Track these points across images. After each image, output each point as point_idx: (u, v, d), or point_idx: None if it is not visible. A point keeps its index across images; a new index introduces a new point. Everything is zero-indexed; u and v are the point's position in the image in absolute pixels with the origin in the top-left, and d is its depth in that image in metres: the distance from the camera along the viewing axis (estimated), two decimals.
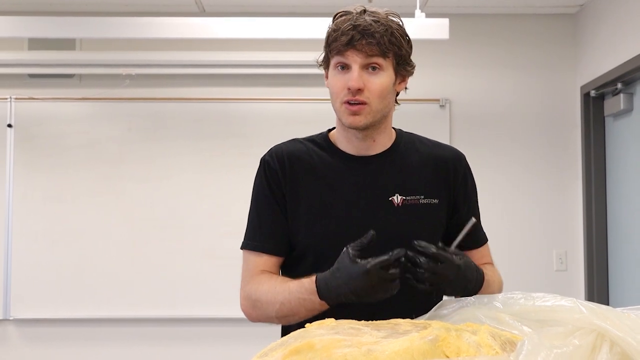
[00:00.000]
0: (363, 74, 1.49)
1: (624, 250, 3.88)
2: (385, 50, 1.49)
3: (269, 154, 1.63)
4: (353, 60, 1.49)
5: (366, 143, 1.59)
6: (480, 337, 1.12)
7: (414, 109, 4.12)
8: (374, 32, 1.48)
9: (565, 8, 4.24)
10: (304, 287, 1.46)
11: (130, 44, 4.15)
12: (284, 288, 1.50)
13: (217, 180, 4.16)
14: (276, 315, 1.52)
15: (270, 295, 1.52)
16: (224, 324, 4.12)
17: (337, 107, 1.54)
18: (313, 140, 1.65)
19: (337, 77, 1.53)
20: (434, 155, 1.64)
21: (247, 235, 1.62)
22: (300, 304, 1.46)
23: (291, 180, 1.58)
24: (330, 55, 1.54)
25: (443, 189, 1.61)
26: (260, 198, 1.61)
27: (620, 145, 3.92)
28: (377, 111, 1.53)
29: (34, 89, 4.24)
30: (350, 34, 1.47)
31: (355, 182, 1.58)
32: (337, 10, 1.56)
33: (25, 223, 4.15)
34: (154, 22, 3.51)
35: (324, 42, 1.56)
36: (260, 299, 1.53)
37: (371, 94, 1.50)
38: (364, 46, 1.48)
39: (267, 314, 1.53)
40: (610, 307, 1.14)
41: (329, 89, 1.58)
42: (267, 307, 1.52)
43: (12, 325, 4.16)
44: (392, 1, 3.94)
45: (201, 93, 4.26)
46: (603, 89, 3.99)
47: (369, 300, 1.38)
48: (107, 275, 4.13)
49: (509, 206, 4.23)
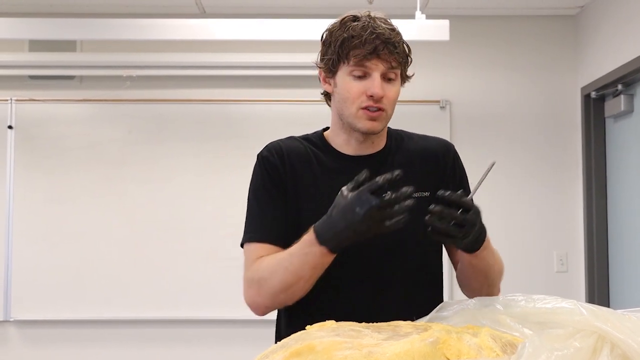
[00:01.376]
0: (382, 82, 1.53)
1: (625, 251, 3.88)
2: (402, 60, 1.55)
3: (267, 149, 1.63)
4: (375, 68, 1.51)
5: (365, 145, 1.61)
6: (481, 339, 1.12)
7: (414, 110, 4.12)
8: (395, 42, 1.52)
9: (565, 9, 4.24)
10: (303, 242, 1.45)
11: (131, 46, 4.15)
12: (284, 254, 1.49)
13: (218, 182, 4.16)
14: (281, 287, 1.47)
15: (272, 266, 1.49)
16: (225, 325, 4.13)
17: (353, 112, 1.54)
18: (308, 139, 1.66)
19: (353, 83, 1.53)
20: (422, 149, 1.66)
21: (247, 229, 1.60)
22: (303, 260, 1.44)
23: (292, 175, 1.59)
24: (343, 60, 1.53)
25: (433, 180, 1.61)
26: (259, 192, 1.60)
27: (621, 147, 3.92)
28: (389, 117, 1.58)
29: (34, 90, 4.25)
30: (375, 43, 1.49)
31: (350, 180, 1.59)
32: (339, 13, 1.56)
33: (25, 224, 4.16)
34: (155, 24, 3.51)
35: (331, 45, 1.54)
36: (263, 276, 1.50)
37: (388, 102, 1.55)
38: (387, 55, 1.51)
39: (272, 288, 1.48)
40: (611, 309, 1.14)
41: (336, 95, 1.57)
42: (272, 280, 1.48)
43: (12, 326, 4.16)
44: (393, 2, 3.95)
45: (202, 94, 4.26)
46: (603, 90, 3.99)
47: (366, 234, 1.38)
48: (108, 277, 4.13)
49: (510, 207, 4.23)
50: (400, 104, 1.64)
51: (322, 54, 1.59)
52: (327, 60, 1.57)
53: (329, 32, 1.57)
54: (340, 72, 1.55)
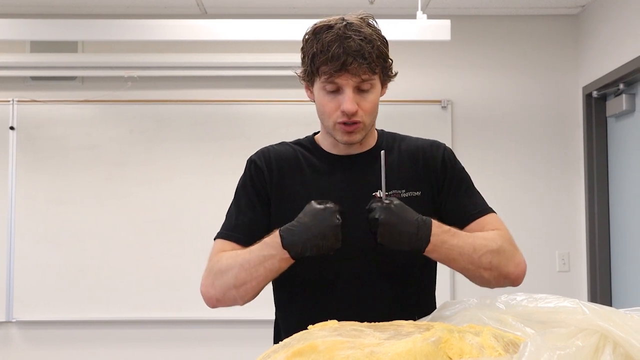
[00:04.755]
0: (355, 95, 1.50)
1: (627, 251, 3.87)
2: (374, 68, 1.50)
3: (256, 154, 1.67)
4: (346, 83, 1.49)
5: (353, 147, 1.62)
6: (483, 339, 1.12)
7: (415, 110, 4.12)
8: (364, 53, 1.47)
9: (567, 9, 4.24)
10: (265, 243, 1.47)
11: (132, 46, 4.16)
12: (244, 252, 1.51)
13: (219, 182, 4.16)
14: (234, 282, 1.49)
15: (230, 261, 1.51)
16: (226, 325, 4.13)
17: (330, 126, 1.55)
18: (300, 143, 1.69)
19: (326, 98, 1.53)
20: (412, 149, 1.66)
21: (222, 226, 1.64)
22: (260, 261, 1.46)
23: (278, 181, 1.61)
24: (315, 74, 1.52)
25: (424, 179, 1.61)
26: (241, 194, 1.65)
27: (623, 146, 3.92)
28: (369, 125, 1.57)
29: (36, 91, 4.25)
30: (342, 58, 1.46)
31: (340, 180, 1.61)
32: (340, 13, 1.55)
33: (27, 225, 4.16)
34: (156, 25, 3.51)
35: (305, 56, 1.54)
36: (220, 269, 1.52)
37: (364, 113, 1.53)
38: (356, 69, 1.47)
39: (226, 282, 1.50)
40: (613, 308, 1.14)
41: (315, 106, 1.58)
42: (227, 274, 1.50)
43: (15, 327, 4.17)
44: (394, 2, 3.95)
45: (203, 95, 4.27)
46: (605, 89, 3.99)
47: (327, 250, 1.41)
48: (110, 277, 4.14)
49: (511, 207, 4.23)
50: (401, 104, 1.65)
51: (301, 61, 1.59)
52: (303, 70, 1.58)
53: (305, 40, 1.56)
54: (316, 85, 1.55)
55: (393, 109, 3.91)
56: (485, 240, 1.52)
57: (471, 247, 1.48)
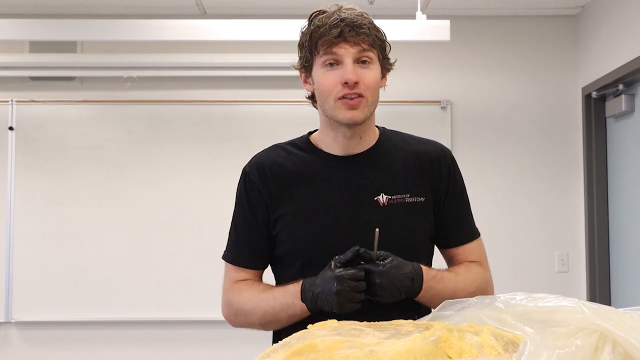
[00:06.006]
0: (356, 68, 1.50)
1: (626, 251, 3.87)
2: (373, 42, 1.51)
3: (249, 164, 1.65)
4: (345, 53, 1.49)
5: (353, 141, 1.59)
6: (482, 338, 1.12)
7: (415, 111, 4.12)
8: (362, 25, 1.49)
9: (566, 9, 4.24)
10: (288, 292, 1.51)
11: (131, 47, 4.15)
12: (267, 296, 1.55)
13: (219, 183, 4.16)
14: (259, 323, 1.58)
15: (252, 303, 1.57)
16: (226, 326, 4.08)
17: (331, 105, 1.52)
18: (294, 144, 1.66)
19: (327, 74, 1.51)
20: (418, 152, 1.63)
21: (227, 246, 1.69)
22: (283, 309, 1.51)
23: (273, 189, 1.59)
24: (315, 54, 1.52)
25: (428, 186, 1.60)
26: (238, 212, 1.66)
27: (622, 147, 3.92)
28: (371, 104, 1.54)
29: (35, 91, 4.25)
30: (340, 26, 1.47)
31: (339, 183, 1.58)
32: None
33: (26, 226, 4.16)
34: (155, 25, 3.51)
35: (303, 44, 1.55)
36: (242, 308, 1.59)
37: (366, 87, 1.51)
38: (355, 38, 1.48)
39: (249, 321, 1.60)
40: (612, 308, 1.14)
41: (315, 91, 1.57)
42: (250, 315, 1.58)
43: (14, 327, 4.17)
44: (394, 2, 3.95)
45: (203, 95, 4.27)
46: (604, 90, 3.99)
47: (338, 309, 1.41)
48: (109, 278, 4.14)
49: (511, 208, 4.23)
50: (401, 105, 1.65)
51: (298, 56, 1.59)
52: (301, 58, 1.57)
53: (301, 33, 1.57)
54: (315, 66, 1.54)
55: (392, 110, 3.90)
56: (465, 285, 1.57)
57: (452, 292, 1.53)
